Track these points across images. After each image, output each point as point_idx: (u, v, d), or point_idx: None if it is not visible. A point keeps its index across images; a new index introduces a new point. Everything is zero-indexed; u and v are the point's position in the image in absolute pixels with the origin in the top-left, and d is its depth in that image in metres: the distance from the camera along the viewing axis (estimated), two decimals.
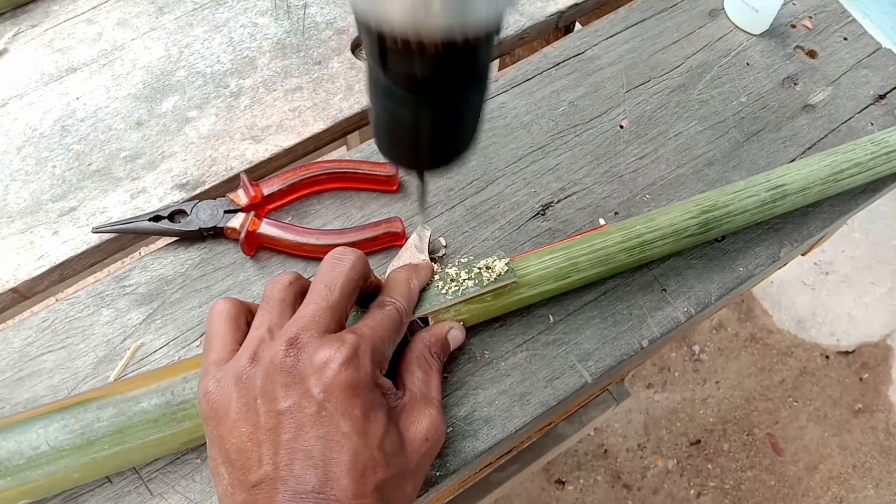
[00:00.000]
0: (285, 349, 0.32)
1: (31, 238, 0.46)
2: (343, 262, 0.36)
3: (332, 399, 0.31)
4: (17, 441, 0.35)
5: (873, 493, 1.47)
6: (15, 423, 0.36)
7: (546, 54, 0.54)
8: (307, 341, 0.32)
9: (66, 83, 0.52)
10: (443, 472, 0.39)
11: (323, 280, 0.35)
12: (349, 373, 0.32)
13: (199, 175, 0.49)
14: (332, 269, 0.35)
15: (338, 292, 0.34)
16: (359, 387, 0.32)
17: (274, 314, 0.34)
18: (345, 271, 0.35)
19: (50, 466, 0.35)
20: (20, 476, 0.35)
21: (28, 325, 0.43)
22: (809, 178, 0.46)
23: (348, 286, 0.35)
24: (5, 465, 0.35)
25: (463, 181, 0.48)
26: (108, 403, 0.36)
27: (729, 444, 1.50)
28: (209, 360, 0.34)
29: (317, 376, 0.31)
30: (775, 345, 1.61)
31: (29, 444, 0.35)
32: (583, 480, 1.44)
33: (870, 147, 0.47)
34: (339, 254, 0.36)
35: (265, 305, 0.35)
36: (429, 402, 0.36)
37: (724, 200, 0.44)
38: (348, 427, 0.31)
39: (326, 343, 0.32)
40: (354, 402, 0.32)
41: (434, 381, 0.38)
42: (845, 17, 0.57)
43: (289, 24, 0.55)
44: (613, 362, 0.43)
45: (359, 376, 0.32)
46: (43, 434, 0.35)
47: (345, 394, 0.31)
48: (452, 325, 0.40)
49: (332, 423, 0.31)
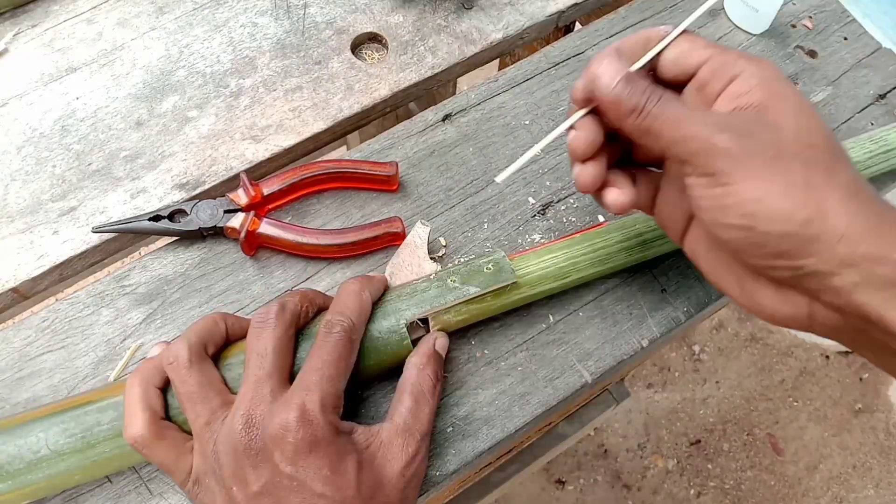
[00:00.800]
0: (244, 431, 0.32)
1: (31, 238, 0.46)
2: (266, 327, 0.35)
3: (299, 466, 0.32)
4: (18, 445, 0.35)
5: (873, 493, 1.47)
6: (15, 426, 0.36)
7: (546, 54, 0.54)
8: (261, 415, 0.33)
9: (66, 83, 0.52)
10: (443, 472, 0.39)
11: (254, 350, 0.35)
12: (305, 432, 0.32)
13: (199, 175, 0.49)
14: (259, 337, 0.35)
15: (270, 357, 0.34)
16: (319, 444, 0.32)
17: (198, 403, 0.34)
18: (270, 335, 0.35)
19: (50, 470, 0.35)
20: (20, 479, 0.35)
21: (28, 325, 0.43)
22: None
23: (280, 346, 0.35)
24: (6, 468, 0.35)
25: (463, 181, 0.49)
26: (108, 406, 0.36)
27: (729, 444, 1.50)
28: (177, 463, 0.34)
29: (279, 449, 0.32)
30: (775, 344, 1.61)
31: (29, 448, 0.35)
32: (583, 480, 1.44)
33: (869, 146, 0.47)
34: (260, 318, 0.36)
35: (187, 399, 0.34)
36: (409, 435, 0.36)
37: None
38: (321, 487, 0.32)
39: (277, 410, 0.32)
40: (321, 463, 0.32)
41: (423, 411, 0.37)
42: (845, 17, 0.57)
43: (289, 24, 0.55)
44: (613, 362, 0.43)
45: (315, 433, 0.32)
46: (43, 437, 0.35)
47: (310, 457, 0.32)
48: (436, 336, 0.40)
49: (306, 488, 0.32)
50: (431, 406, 0.38)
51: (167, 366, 0.35)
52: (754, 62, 0.33)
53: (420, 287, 0.40)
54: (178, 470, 0.34)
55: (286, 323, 0.36)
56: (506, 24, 0.56)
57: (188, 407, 0.34)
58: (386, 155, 0.49)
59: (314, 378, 0.33)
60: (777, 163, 0.30)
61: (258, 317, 0.36)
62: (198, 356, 0.35)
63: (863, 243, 0.29)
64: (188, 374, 0.34)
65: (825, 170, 0.30)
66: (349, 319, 0.36)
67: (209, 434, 0.33)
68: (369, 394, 0.41)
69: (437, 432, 0.40)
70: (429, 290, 0.40)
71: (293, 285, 0.45)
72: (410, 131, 0.50)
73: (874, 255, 0.28)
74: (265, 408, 0.33)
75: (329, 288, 0.45)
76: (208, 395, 0.34)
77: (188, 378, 0.34)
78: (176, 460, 0.34)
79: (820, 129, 0.31)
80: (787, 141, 0.31)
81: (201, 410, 0.34)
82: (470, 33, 0.55)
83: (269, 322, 0.35)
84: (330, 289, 0.45)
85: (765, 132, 0.31)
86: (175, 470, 0.34)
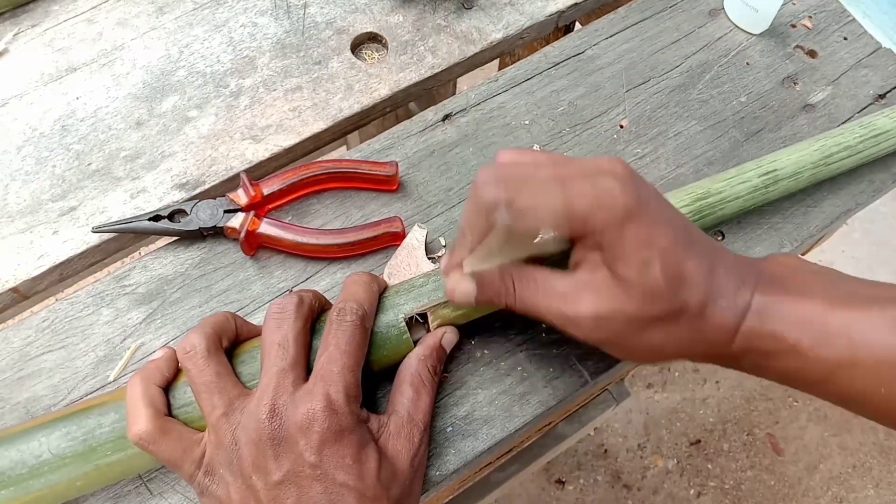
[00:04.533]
0: (268, 420, 0.32)
1: (31, 238, 0.46)
2: (286, 319, 0.35)
3: (324, 455, 0.32)
4: (20, 450, 0.35)
5: (873, 493, 1.47)
6: (17, 432, 0.36)
7: (546, 54, 0.54)
8: (284, 405, 0.33)
9: (66, 83, 0.52)
10: (443, 472, 0.39)
11: (275, 340, 0.35)
12: (331, 422, 0.32)
13: (198, 175, 0.49)
14: (280, 328, 0.35)
15: (292, 348, 0.34)
16: (344, 433, 0.32)
17: (216, 393, 0.34)
18: (291, 326, 0.35)
19: (52, 475, 0.35)
20: (23, 486, 0.35)
21: (28, 324, 0.43)
22: (800, 162, 0.46)
23: (300, 336, 0.35)
24: (8, 474, 0.34)
25: (463, 181, 0.49)
26: (109, 409, 0.36)
27: (729, 444, 1.50)
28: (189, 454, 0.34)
29: (305, 438, 0.32)
30: None
31: (31, 453, 0.35)
32: (583, 480, 1.44)
33: (858, 131, 0.48)
34: (279, 310, 0.36)
35: (204, 389, 0.34)
36: (413, 426, 0.36)
37: (716, 188, 0.44)
38: (344, 476, 0.32)
39: (301, 400, 0.33)
40: (344, 452, 0.32)
41: (423, 401, 0.37)
42: (845, 16, 0.57)
43: (289, 24, 0.55)
44: (613, 362, 0.43)
45: (341, 422, 0.32)
46: (45, 442, 0.35)
47: (335, 446, 0.32)
48: (445, 330, 0.40)
49: (329, 478, 0.32)
50: (430, 397, 0.38)
51: (184, 355, 0.35)
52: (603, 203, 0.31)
53: (418, 283, 0.40)
54: (185, 463, 0.34)
55: (304, 316, 0.36)
56: (506, 24, 0.56)
57: (205, 397, 0.34)
58: (386, 155, 0.49)
59: (335, 368, 0.34)
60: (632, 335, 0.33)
61: (276, 307, 0.36)
62: (215, 346, 0.35)
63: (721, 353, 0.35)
64: (206, 364, 0.34)
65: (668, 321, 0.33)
66: (361, 307, 0.37)
67: (227, 424, 0.33)
68: (369, 390, 0.41)
69: (437, 432, 0.40)
70: (426, 285, 0.40)
71: (293, 285, 0.45)
72: (410, 131, 0.50)
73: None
74: (288, 398, 0.33)
75: (329, 288, 0.45)
76: (225, 386, 0.34)
77: (206, 368, 0.34)
78: (184, 453, 0.34)
79: (658, 275, 0.32)
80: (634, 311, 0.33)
81: (218, 401, 0.34)
82: (470, 33, 0.55)
83: (287, 313, 0.35)
84: (330, 289, 0.45)
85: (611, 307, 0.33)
86: (183, 463, 0.34)
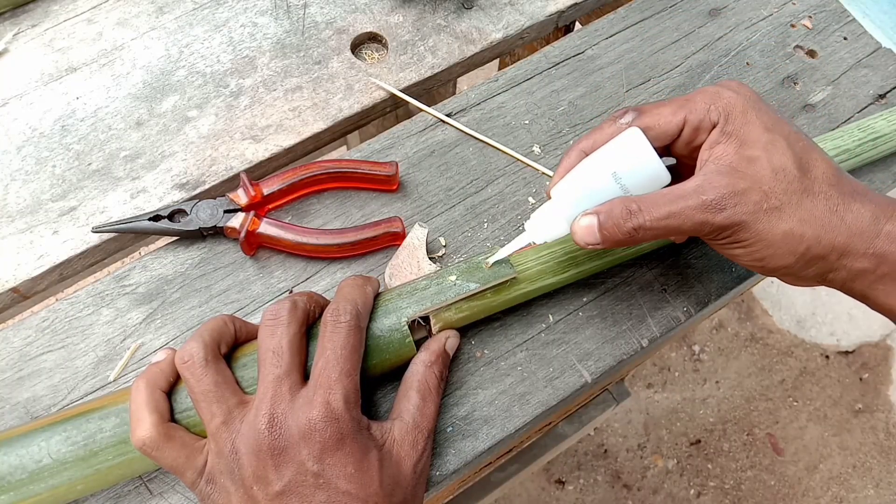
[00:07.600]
0: (267, 430, 0.32)
1: (31, 238, 0.46)
2: (279, 325, 0.35)
3: (326, 464, 0.32)
4: (19, 454, 0.35)
5: (873, 493, 1.47)
6: (16, 436, 0.35)
7: (546, 54, 0.54)
8: (283, 413, 0.33)
9: (66, 83, 0.52)
10: (443, 472, 0.39)
11: (269, 348, 0.34)
12: (332, 430, 0.32)
13: (198, 175, 0.49)
14: (273, 335, 0.35)
15: (287, 354, 0.34)
16: (345, 440, 0.32)
17: (214, 402, 0.34)
18: (285, 332, 0.35)
19: (53, 479, 0.35)
20: (23, 491, 0.34)
21: (28, 324, 0.43)
22: None
23: (294, 344, 0.35)
24: (7, 479, 0.34)
25: (463, 181, 0.49)
26: (110, 413, 0.36)
27: (729, 444, 1.50)
28: (190, 462, 0.34)
29: (307, 447, 0.32)
30: (775, 345, 1.61)
31: (31, 457, 0.35)
32: (583, 480, 1.44)
33: (857, 134, 0.48)
34: (272, 316, 0.35)
35: (203, 398, 0.34)
36: (418, 432, 0.36)
37: None
38: (347, 484, 0.32)
39: (300, 409, 0.32)
40: (346, 460, 0.32)
41: (429, 408, 0.37)
42: (845, 16, 0.57)
43: (289, 24, 0.55)
44: (613, 362, 0.43)
45: (342, 429, 0.32)
46: (45, 446, 0.35)
47: (336, 454, 0.32)
48: (448, 335, 0.40)
49: (331, 486, 0.32)
50: (436, 403, 0.38)
51: (182, 364, 0.35)
52: (722, 101, 0.37)
53: (420, 285, 0.40)
54: (188, 470, 0.34)
55: (299, 320, 0.36)
56: (506, 24, 0.56)
57: (203, 406, 0.34)
58: (386, 155, 0.49)
59: (333, 374, 0.33)
60: (768, 217, 0.35)
61: (270, 314, 0.35)
62: (213, 354, 0.35)
63: (858, 249, 0.35)
64: (204, 373, 0.34)
65: (802, 196, 0.35)
66: (355, 307, 0.36)
67: (227, 433, 0.33)
68: (368, 393, 0.41)
69: (437, 432, 0.40)
70: (429, 288, 0.40)
71: (293, 285, 0.45)
72: (410, 131, 0.50)
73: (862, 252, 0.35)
74: (286, 406, 0.33)
75: (329, 288, 0.45)
76: (224, 395, 0.34)
77: (204, 377, 0.34)
78: (186, 460, 0.34)
79: (786, 153, 0.35)
80: (766, 187, 0.34)
81: (217, 410, 0.33)
82: (470, 33, 0.55)
83: (281, 319, 0.35)
84: (330, 289, 0.45)
85: (745, 184, 0.35)
86: (185, 470, 0.34)
